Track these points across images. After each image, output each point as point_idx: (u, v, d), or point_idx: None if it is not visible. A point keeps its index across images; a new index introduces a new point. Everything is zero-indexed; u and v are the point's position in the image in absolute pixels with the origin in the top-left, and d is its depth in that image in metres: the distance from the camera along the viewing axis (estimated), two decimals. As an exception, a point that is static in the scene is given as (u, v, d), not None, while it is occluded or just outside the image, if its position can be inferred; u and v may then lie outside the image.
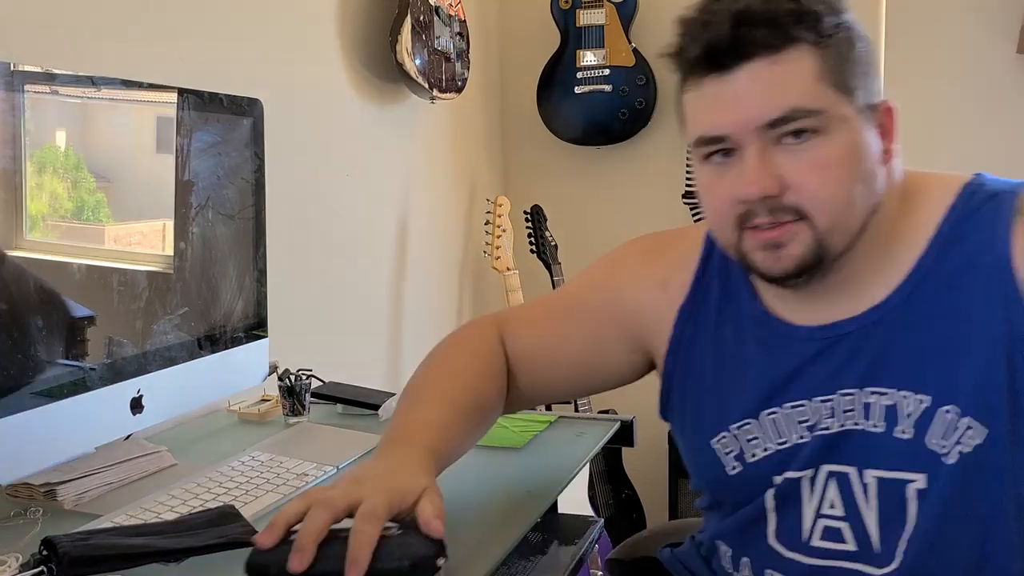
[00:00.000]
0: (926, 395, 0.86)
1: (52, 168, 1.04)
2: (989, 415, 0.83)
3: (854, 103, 0.83)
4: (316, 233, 1.92)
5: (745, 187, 0.83)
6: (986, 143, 2.52)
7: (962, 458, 0.84)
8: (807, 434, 0.92)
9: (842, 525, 0.91)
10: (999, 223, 0.85)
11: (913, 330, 0.87)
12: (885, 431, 0.88)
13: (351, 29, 2.03)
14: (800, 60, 0.81)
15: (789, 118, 0.81)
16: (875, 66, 0.87)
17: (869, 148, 0.85)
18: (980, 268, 0.85)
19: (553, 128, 2.71)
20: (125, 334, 1.15)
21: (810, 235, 0.84)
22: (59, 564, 0.83)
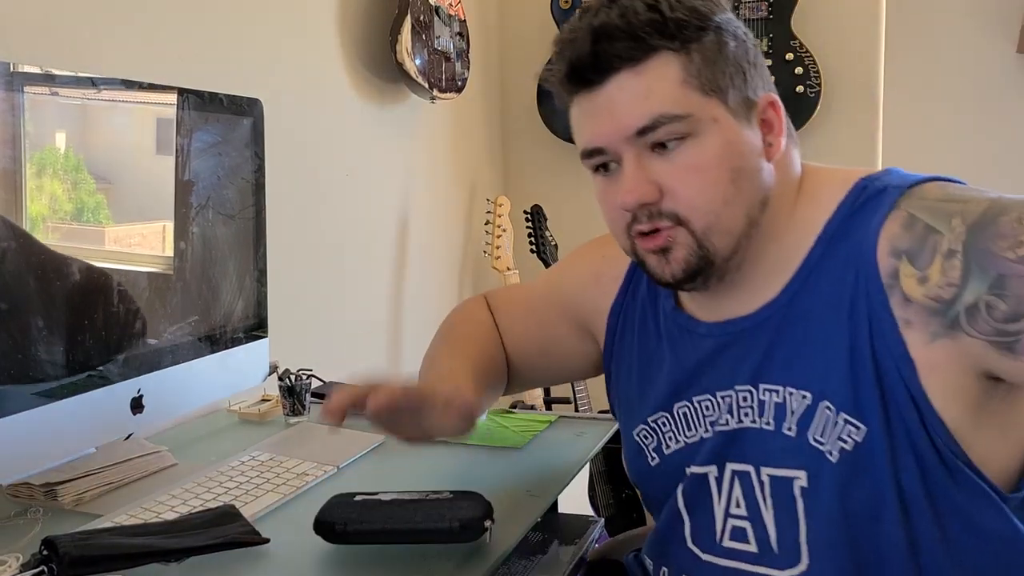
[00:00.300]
0: (807, 392, 0.86)
1: (52, 169, 1.05)
2: (862, 412, 0.83)
3: (725, 103, 0.85)
4: (316, 233, 1.92)
5: (623, 196, 0.86)
6: (986, 142, 2.52)
7: (843, 455, 0.84)
8: (710, 429, 0.94)
9: (746, 525, 0.91)
10: (875, 218, 0.84)
11: (797, 327, 0.88)
12: (775, 429, 0.88)
13: (351, 29, 2.03)
14: (663, 68, 0.83)
15: (656, 125, 0.83)
16: (754, 63, 0.87)
17: (745, 146, 0.85)
18: (856, 264, 0.85)
19: (553, 128, 2.71)
20: (125, 334, 1.15)
21: (691, 239, 0.86)
22: (59, 564, 0.83)
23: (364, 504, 0.95)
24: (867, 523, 0.85)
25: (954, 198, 0.83)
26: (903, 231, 0.83)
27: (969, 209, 0.81)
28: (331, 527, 0.93)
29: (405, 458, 1.28)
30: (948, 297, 0.80)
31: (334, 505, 0.96)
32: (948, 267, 0.80)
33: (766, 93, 0.88)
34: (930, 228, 0.81)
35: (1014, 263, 0.77)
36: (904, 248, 0.82)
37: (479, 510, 0.93)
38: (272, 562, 0.94)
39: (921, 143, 2.61)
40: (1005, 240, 0.78)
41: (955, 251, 0.80)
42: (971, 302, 0.79)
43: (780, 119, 0.88)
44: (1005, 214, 0.79)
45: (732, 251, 0.87)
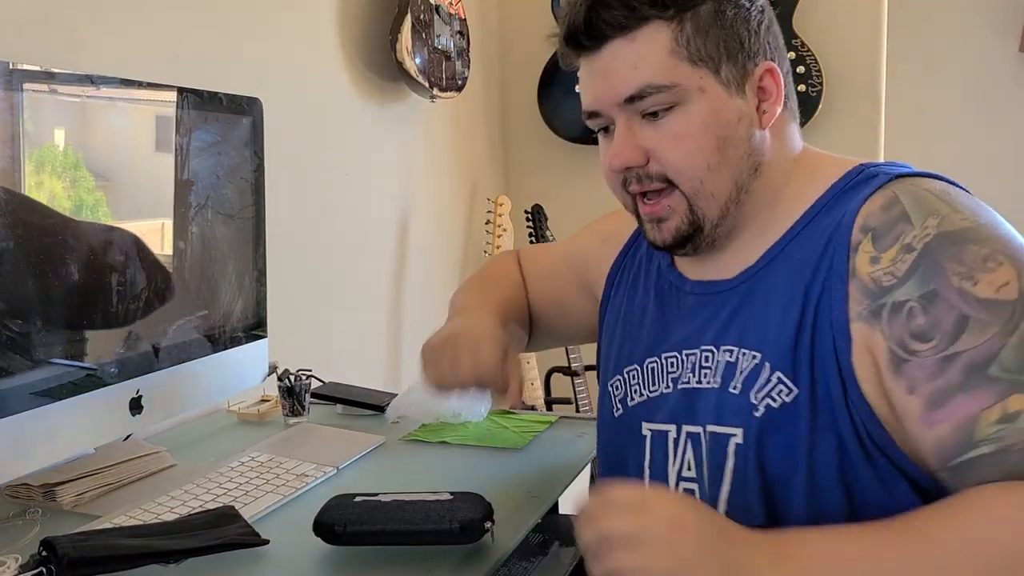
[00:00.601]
0: (757, 352, 0.87)
1: (51, 167, 1.04)
2: (796, 374, 0.83)
3: (716, 72, 0.86)
4: (316, 233, 1.91)
5: (610, 158, 0.90)
6: (988, 140, 2.52)
7: (768, 412, 0.84)
8: (672, 386, 0.95)
9: (694, 487, 0.91)
10: (862, 194, 0.85)
11: (763, 292, 0.89)
12: (721, 387, 0.89)
13: (351, 28, 2.03)
14: (653, 37, 0.85)
15: (643, 94, 0.86)
16: (756, 29, 0.88)
17: (732, 114, 0.87)
18: (831, 233, 0.85)
19: (554, 127, 2.71)
20: (124, 334, 1.14)
21: (684, 205, 0.89)
22: (58, 565, 0.83)
23: (364, 505, 0.94)
24: (778, 488, 0.85)
25: (945, 199, 0.83)
26: (881, 210, 0.83)
27: (950, 218, 0.80)
28: (330, 528, 0.93)
29: (405, 458, 1.28)
30: (886, 285, 0.80)
31: (333, 506, 0.95)
32: (900, 259, 0.80)
33: (766, 61, 0.88)
34: (905, 216, 0.82)
35: (953, 289, 0.77)
36: (873, 225, 0.82)
37: (479, 511, 0.93)
38: (271, 563, 0.94)
39: (923, 141, 2.60)
40: (961, 266, 0.77)
41: (913, 248, 0.80)
42: (900, 300, 0.79)
43: (779, 87, 0.89)
44: (977, 244, 0.78)
45: (720, 216, 0.89)
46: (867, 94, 2.50)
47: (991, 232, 0.80)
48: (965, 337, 0.76)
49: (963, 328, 0.76)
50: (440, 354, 1.00)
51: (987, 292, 0.76)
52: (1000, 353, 0.74)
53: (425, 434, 1.36)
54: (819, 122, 2.50)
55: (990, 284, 0.76)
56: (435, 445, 1.33)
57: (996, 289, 0.76)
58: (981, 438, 0.74)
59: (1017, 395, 0.73)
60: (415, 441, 1.34)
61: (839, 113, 2.50)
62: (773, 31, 0.90)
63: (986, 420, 0.74)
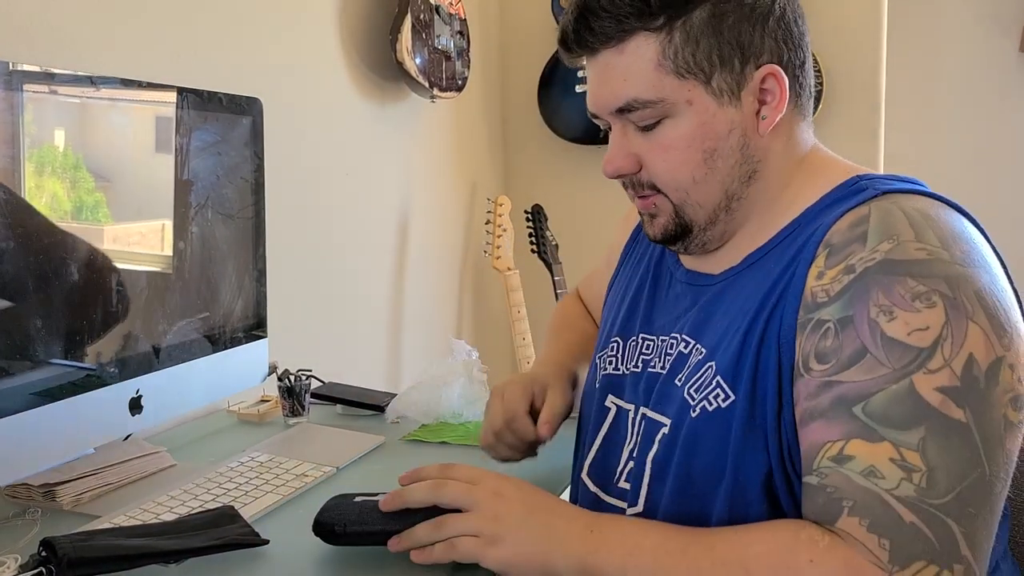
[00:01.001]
0: (705, 348, 0.88)
1: (51, 168, 1.04)
2: (735, 382, 0.83)
3: (707, 83, 0.84)
4: (316, 233, 1.91)
5: (604, 164, 0.91)
6: (987, 141, 2.52)
7: (703, 414, 0.84)
8: (641, 367, 0.96)
9: (634, 467, 0.93)
10: (840, 210, 0.82)
11: (732, 295, 0.89)
12: (668, 375, 0.91)
13: (351, 28, 2.03)
14: (640, 50, 0.84)
15: (630, 108, 0.86)
16: (762, 31, 0.85)
17: (722, 126, 0.85)
18: (803, 245, 0.84)
19: (554, 127, 2.71)
20: (124, 334, 1.14)
21: (670, 207, 0.90)
22: (58, 565, 0.83)
23: (363, 505, 0.94)
24: (702, 486, 0.84)
25: (916, 224, 0.78)
26: (847, 227, 0.80)
27: (905, 246, 0.76)
28: (330, 528, 0.92)
29: (405, 458, 1.28)
30: (819, 301, 0.78)
31: (333, 506, 0.95)
32: (838, 278, 0.78)
33: (769, 63, 0.85)
34: (862, 237, 0.79)
35: (867, 320, 0.75)
36: (833, 242, 0.80)
37: None
38: (271, 563, 0.94)
39: (923, 142, 2.60)
40: (886, 298, 0.74)
41: (854, 270, 0.77)
42: (823, 319, 0.78)
43: (782, 91, 0.85)
44: (917, 279, 0.74)
45: (708, 222, 0.90)
46: (867, 95, 2.50)
47: (946, 270, 0.75)
48: (853, 370, 0.74)
49: (856, 361, 0.74)
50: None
51: (897, 332, 0.73)
52: (873, 397, 0.73)
53: (425, 434, 1.36)
54: (819, 122, 2.47)
55: (905, 324, 0.73)
56: (435, 445, 1.33)
57: (909, 331, 0.73)
58: (815, 467, 0.75)
59: (859, 440, 0.72)
60: (415, 441, 1.35)
61: (839, 113, 2.50)
62: (786, 23, 0.86)
63: (825, 452, 0.74)
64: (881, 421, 0.72)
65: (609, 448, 0.98)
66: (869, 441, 0.72)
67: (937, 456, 0.70)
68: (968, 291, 0.74)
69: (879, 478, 0.71)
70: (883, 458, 0.71)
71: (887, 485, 0.70)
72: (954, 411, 0.71)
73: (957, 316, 0.73)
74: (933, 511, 0.69)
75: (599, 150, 2.73)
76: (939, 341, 0.72)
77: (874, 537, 0.69)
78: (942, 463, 0.70)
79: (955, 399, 0.71)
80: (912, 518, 0.69)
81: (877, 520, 0.70)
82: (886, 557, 0.68)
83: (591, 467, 1.00)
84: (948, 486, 0.69)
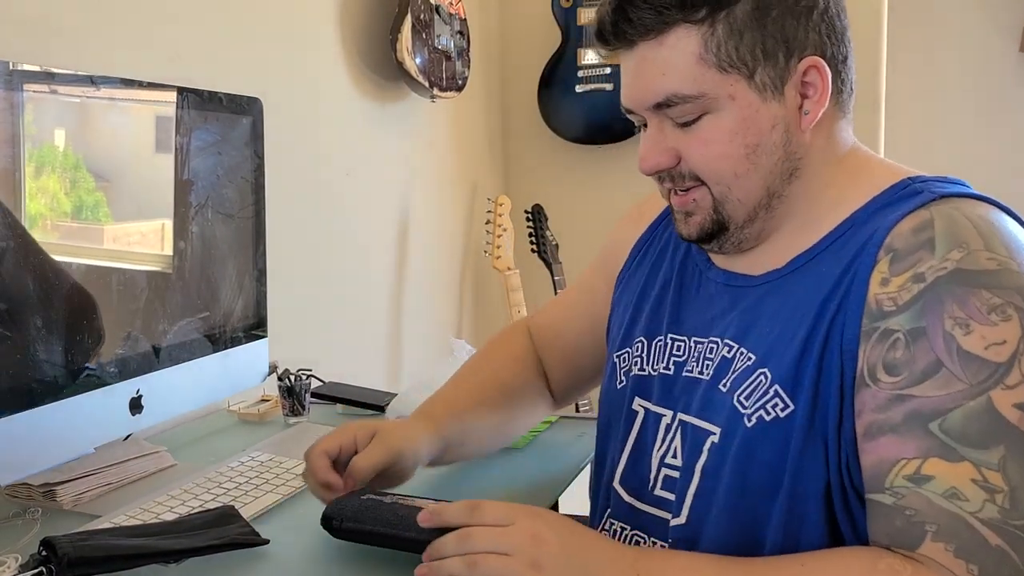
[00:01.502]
0: (754, 354, 0.84)
1: (51, 168, 1.04)
2: (795, 391, 0.80)
3: (749, 77, 0.82)
4: (316, 232, 1.91)
5: (640, 161, 0.88)
6: (988, 141, 2.52)
7: (760, 423, 0.81)
8: (673, 370, 0.93)
9: (676, 475, 0.90)
10: (899, 212, 0.80)
11: (782, 299, 0.85)
12: (712, 381, 0.87)
13: (351, 27, 2.03)
14: (681, 43, 0.81)
15: (670, 103, 0.83)
16: (803, 21, 0.82)
17: (765, 122, 0.83)
18: (859, 249, 0.81)
19: (554, 127, 2.71)
20: (124, 334, 1.14)
21: (710, 202, 0.86)
22: (58, 565, 0.83)
23: (365, 503, 0.93)
24: (757, 498, 0.82)
25: (982, 231, 0.76)
26: (910, 232, 0.78)
27: (976, 255, 0.75)
28: (329, 521, 0.93)
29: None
30: (886, 309, 0.76)
31: (344, 499, 0.94)
32: (907, 287, 0.76)
33: (813, 56, 0.83)
34: (930, 243, 0.77)
35: (941, 333, 0.73)
36: (897, 247, 0.78)
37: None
38: (271, 563, 0.94)
39: (923, 142, 2.60)
40: (961, 310, 0.73)
41: (924, 279, 0.75)
42: (891, 328, 0.75)
43: (824, 84, 0.83)
44: (992, 290, 0.73)
45: (747, 219, 0.87)
46: (867, 95, 2.50)
47: (1018, 281, 0.73)
48: (927, 384, 0.72)
49: (931, 375, 0.73)
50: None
51: (974, 346, 0.72)
52: (950, 413, 0.71)
53: (425, 434, 1.36)
54: (819, 122, 2.49)
55: (982, 338, 0.72)
56: (435, 445, 1.32)
57: (986, 346, 0.71)
58: (888, 485, 0.73)
59: (937, 459, 0.70)
60: (415, 441, 1.34)
61: (839, 113, 2.50)
62: (829, 17, 0.84)
63: (900, 470, 0.72)
64: (959, 439, 0.70)
65: (639, 454, 0.95)
66: (949, 461, 0.70)
67: (1018, 475, 0.69)
68: None
69: (962, 500, 0.69)
70: (965, 479, 0.69)
71: (971, 508, 0.68)
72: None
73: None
74: (1018, 532, 0.68)
75: (599, 150, 2.74)
76: (1016, 356, 0.71)
77: (961, 563, 0.67)
78: (1023, 482, 0.69)
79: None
80: (998, 541, 0.67)
81: (964, 545, 0.68)
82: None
83: (624, 475, 0.96)
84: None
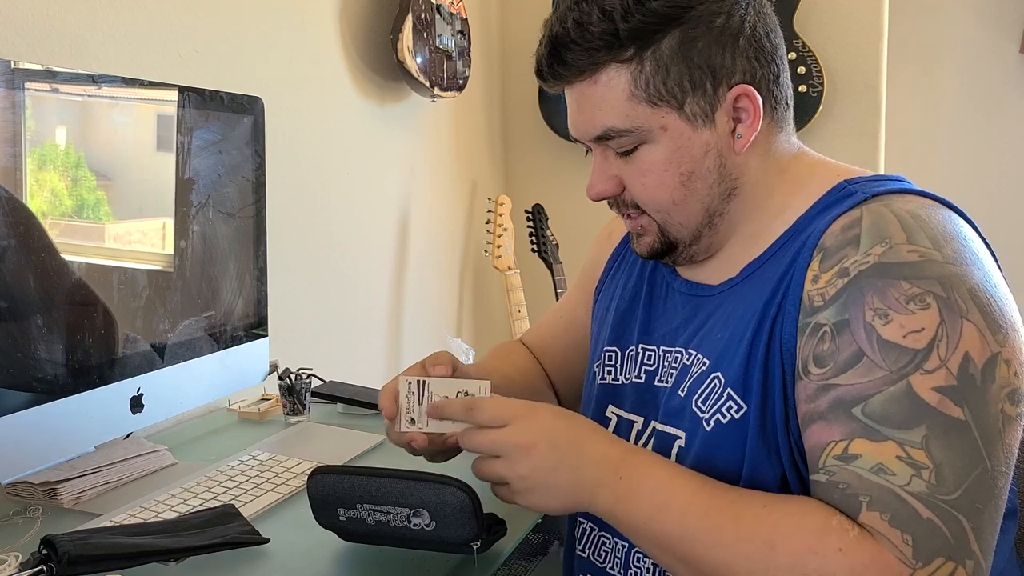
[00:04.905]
0: (708, 359, 0.88)
1: (52, 166, 1.04)
2: (747, 392, 0.84)
3: (679, 108, 0.85)
4: (317, 232, 1.91)
5: (588, 188, 0.93)
6: (988, 142, 2.52)
7: (717, 426, 0.85)
8: (644, 378, 0.96)
9: None
10: (833, 214, 0.83)
11: (733, 305, 0.89)
12: (672, 387, 0.92)
13: (352, 27, 2.03)
14: (613, 81, 0.85)
15: (607, 136, 0.88)
16: (730, 50, 0.84)
17: (698, 149, 0.86)
18: (798, 252, 0.84)
19: (555, 127, 2.71)
20: (125, 333, 1.14)
21: (655, 227, 0.92)
22: (59, 563, 0.83)
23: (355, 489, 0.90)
24: None
25: (908, 226, 0.79)
26: (840, 231, 0.81)
27: (898, 248, 0.78)
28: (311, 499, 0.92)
29: (405, 457, 1.27)
30: (816, 305, 0.80)
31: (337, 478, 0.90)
32: (833, 282, 0.79)
33: (742, 84, 0.85)
34: (855, 240, 0.80)
35: (862, 324, 0.76)
36: (827, 246, 0.81)
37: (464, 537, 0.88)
38: (272, 562, 0.94)
39: (923, 142, 2.60)
40: (881, 302, 0.75)
41: (848, 273, 0.78)
42: (820, 323, 0.79)
43: (755, 109, 0.86)
44: (911, 281, 0.75)
45: (692, 238, 0.91)
46: (867, 95, 2.50)
47: (939, 271, 0.76)
48: (850, 373, 0.76)
49: (854, 364, 0.76)
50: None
51: (893, 334, 0.74)
52: (872, 398, 0.74)
53: (425, 433, 1.36)
54: (819, 122, 2.50)
55: (901, 327, 0.74)
56: (435, 444, 1.33)
57: (904, 334, 0.74)
58: (821, 466, 0.76)
59: (862, 440, 0.73)
60: (415, 440, 1.34)
61: (839, 114, 2.50)
62: (757, 41, 0.86)
63: (829, 451, 0.75)
64: (881, 421, 0.73)
65: None
66: (873, 440, 0.73)
67: (941, 453, 0.71)
68: (961, 290, 0.75)
69: (890, 475, 0.71)
70: (890, 456, 0.72)
71: (899, 481, 0.71)
72: (952, 410, 0.72)
73: (951, 316, 0.74)
74: (946, 507, 0.70)
75: (600, 150, 2.73)
76: (935, 342, 0.73)
77: (897, 532, 0.70)
78: (947, 460, 0.71)
79: (953, 398, 0.72)
80: (928, 514, 0.70)
81: (897, 515, 0.70)
82: (910, 553, 0.69)
83: None
84: (955, 483, 0.70)
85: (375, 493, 0.87)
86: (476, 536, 0.87)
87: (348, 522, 0.90)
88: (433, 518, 0.86)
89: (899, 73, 2.49)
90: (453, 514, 0.86)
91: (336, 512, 0.90)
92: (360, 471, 0.90)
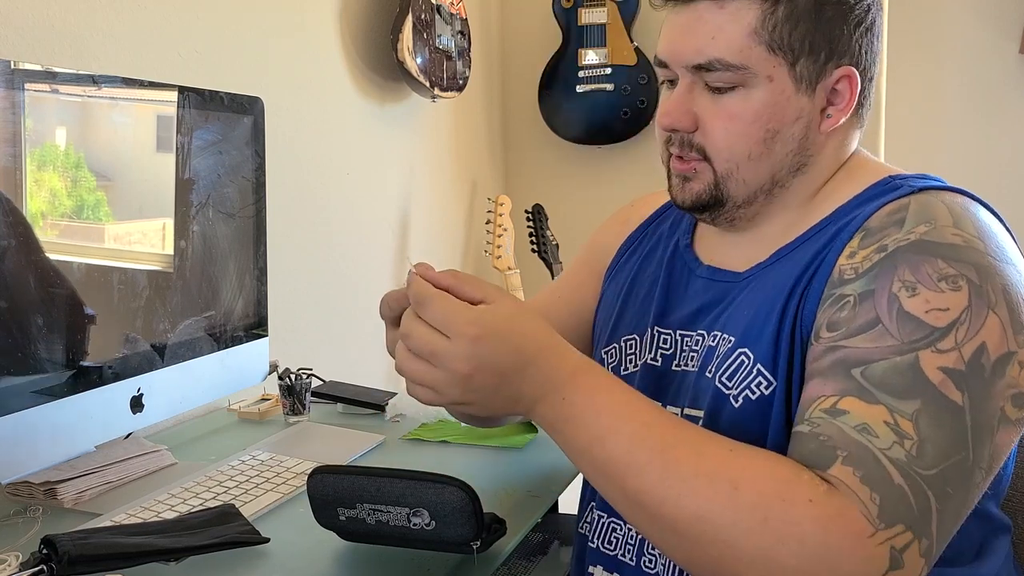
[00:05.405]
0: (733, 336, 0.87)
1: (52, 166, 1.04)
2: (776, 367, 0.83)
3: (791, 64, 0.84)
4: (317, 232, 1.92)
5: (661, 116, 0.89)
6: (988, 142, 2.52)
7: (746, 403, 0.84)
8: (662, 363, 0.95)
9: None
10: (879, 202, 0.84)
11: (762, 285, 0.88)
12: (699, 370, 0.90)
13: (352, 27, 2.03)
14: (741, 12, 0.83)
15: (711, 68, 0.84)
16: (850, 31, 0.85)
17: (792, 111, 0.85)
18: (838, 231, 0.84)
19: (555, 127, 2.71)
20: (125, 333, 1.14)
21: (711, 177, 0.88)
22: (59, 563, 0.83)
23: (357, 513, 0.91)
24: None
25: (954, 212, 0.79)
26: (887, 214, 0.82)
27: (942, 230, 0.78)
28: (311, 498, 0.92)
29: (405, 457, 1.28)
30: (846, 278, 0.80)
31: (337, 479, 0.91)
32: (870, 257, 0.79)
33: (848, 66, 0.86)
34: (899, 221, 0.80)
35: (887, 295, 0.75)
36: (871, 227, 0.81)
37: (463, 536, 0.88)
38: (272, 562, 0.94)
39: (923, 142, 2.60)
40: (912, 275, 0.75)
41: (885, 248, 0.78)
42: (845, 293, 0.78)
43: (852, 94, 0.87)
44: (948, 261, 0.75)
45: (746, 200, 0.89)
46: (868, 95, 2.50)
47: (978, 259, 0.76)
48: (860, 337, 0.75)
49: (867, 329, 0.75)
50: None
51: (916, 308, 0.74)
52: (875, 363, 0.73)
53: (425, 433, 1.37)
54: (820, 122, 2.49)
55: (926, 302, 0.74)
56: (435, 444, 1.33)
57: (928, 309, 0.73)
58: (807, 417, 0.74)
59: (853, 398, 0.72)
60: (415, 440, 1.35)
61: (840, 114, 2.50)
62: (871, 36, 0.88)
63: (818, 404, 0.74)
64: (878, 386, 0.72)
65: None
66: (865, 401, 0.72)
67: (928, 430, 0.70)
68: (996, 283, 0.75)
69: (873, 436, 0.71)
70: (877, 419, 0.71)
71: (880, 444, 0.70)
72: (953, 392, 0.71)
73: (979, 304, 0.73)
74: (919, 480, 0.69)
75: (599, 150, 2.74)
76: (955, 324, 0.73)
77: (866, 489, 0.69)
78: (933, 438, 0.70)
79: (956, 382, 0.71)
80: (900, 480, 0.69)
81: (869, 474, 0.69)
82: (875, 512, 0.68)
83: None
84: (934, 460, 0.70)
85: (375, 493, 0.88)
86: (476, 536, 0.87)
87: (348, 522, 0.90)
88: (433, 518, 0.86)
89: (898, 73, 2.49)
90: (453, 514, 0.86)
91: (336, 512, 0.90)
92: (360, 471, 0.90)
